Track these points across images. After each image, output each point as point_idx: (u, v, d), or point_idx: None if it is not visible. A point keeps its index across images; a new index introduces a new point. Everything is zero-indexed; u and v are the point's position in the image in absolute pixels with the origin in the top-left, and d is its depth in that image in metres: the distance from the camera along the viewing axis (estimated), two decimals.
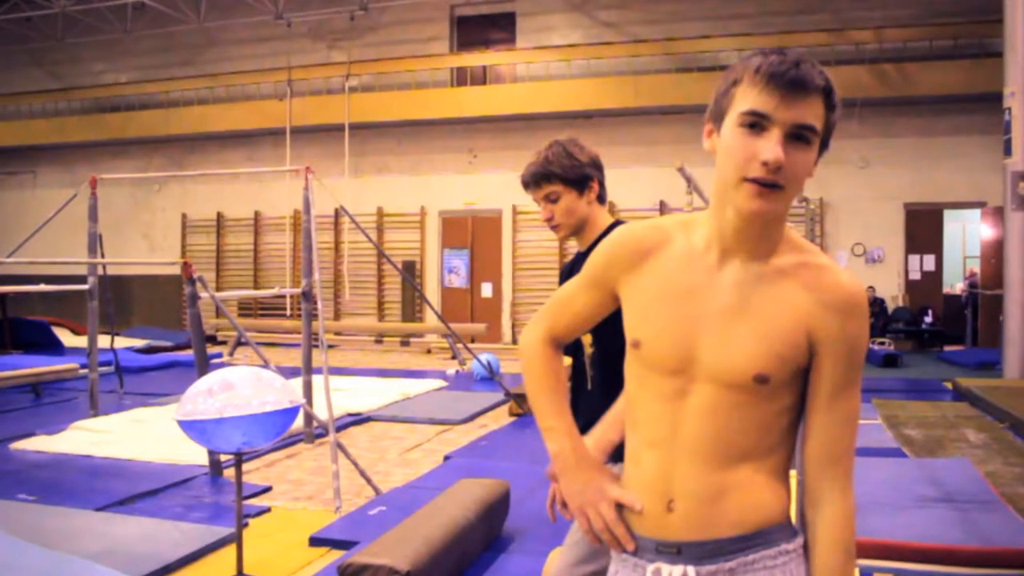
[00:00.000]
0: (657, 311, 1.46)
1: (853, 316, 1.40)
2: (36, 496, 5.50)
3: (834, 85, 1.39)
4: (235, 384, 3.93)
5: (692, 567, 1.41)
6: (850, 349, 1.40)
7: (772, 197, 1.36)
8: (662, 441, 1.44)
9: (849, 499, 1.42)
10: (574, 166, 2.39)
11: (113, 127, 18.27)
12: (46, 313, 15.59)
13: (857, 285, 1.43)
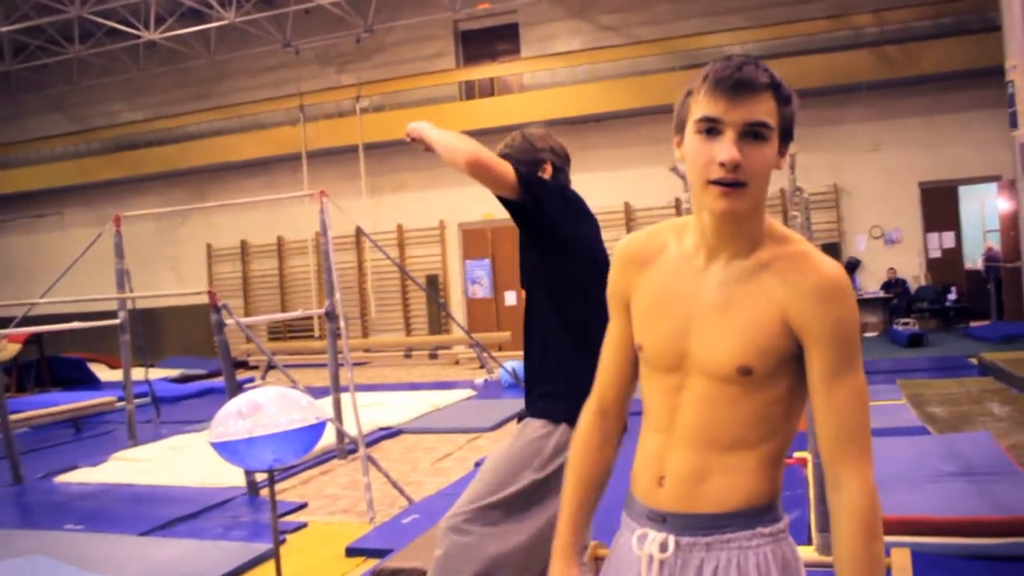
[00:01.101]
0: (654, 316, 1.58)
1: (832, 301, 1.43)
2: (82, 525, 5.71)
3: (781, 80, 1.47)
4: (263, 404, 4.09)
5: (673, 536, 1.52)
6: (835, 334, 1.43)
7: (737, 195, 1.44)
8: (662, 429, 1.57)
9: (866, 480, 1.44)
10: (527, 149, 2.57)
11: (134, 164, 18.65)
12: (81, 350, 15.91)
13: (834, 270, 1.46)
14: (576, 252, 2.39)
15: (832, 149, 14.74)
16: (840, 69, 14.00)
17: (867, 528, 1.42)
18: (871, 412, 1.55)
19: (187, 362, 16.39)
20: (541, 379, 2.47)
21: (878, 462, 4.63)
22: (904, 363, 10.55)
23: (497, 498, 2.38)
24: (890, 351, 11.99)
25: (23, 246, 20.69)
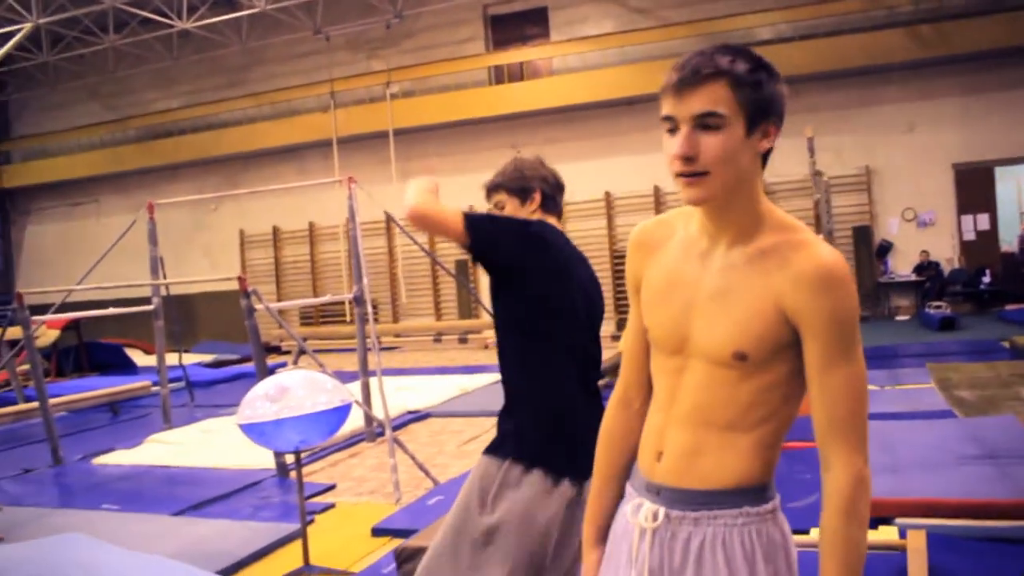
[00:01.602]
0: (660, 300, 1.64)
1: (825, 291, 1.44)
2: (119, 505, 5.87)
3: (751, 61, 1.47)
4: (289, 387, 4.20)
5: (664, 508, 1.58)
6: (829, 323, 1.45)
7: (699, 184, 1.48)
8: (664, 408, 1.64)
9: (851, 465, 1.46)
10: (517, 178, 2.60)
11: (168, 152, 18.91)
12: (118, 335, 16.20)
13: (831, 259, 1.46)
14: (533, 292, 2.38)
15: (865, 131, 14.59)
16: (873, 49, 13.84)
17: (846, 511, 1.45)
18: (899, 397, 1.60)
19: (220, 347, 16.64)
20: (502, 413, 2.50)
21: (901, 445, 4.66)
22: (935, 347, 10.47)
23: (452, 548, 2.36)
24: (921, 335, 11.90)
25: (60, 234, 21.07)
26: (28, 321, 7.10)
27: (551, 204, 2.62)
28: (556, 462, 2.33)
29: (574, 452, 2.31)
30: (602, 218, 16.32)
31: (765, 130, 1.50)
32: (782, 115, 1.52)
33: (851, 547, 1.46)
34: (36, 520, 5.53)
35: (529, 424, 2.40)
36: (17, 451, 8.25)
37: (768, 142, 1.50)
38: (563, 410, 2.39)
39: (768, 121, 1.49)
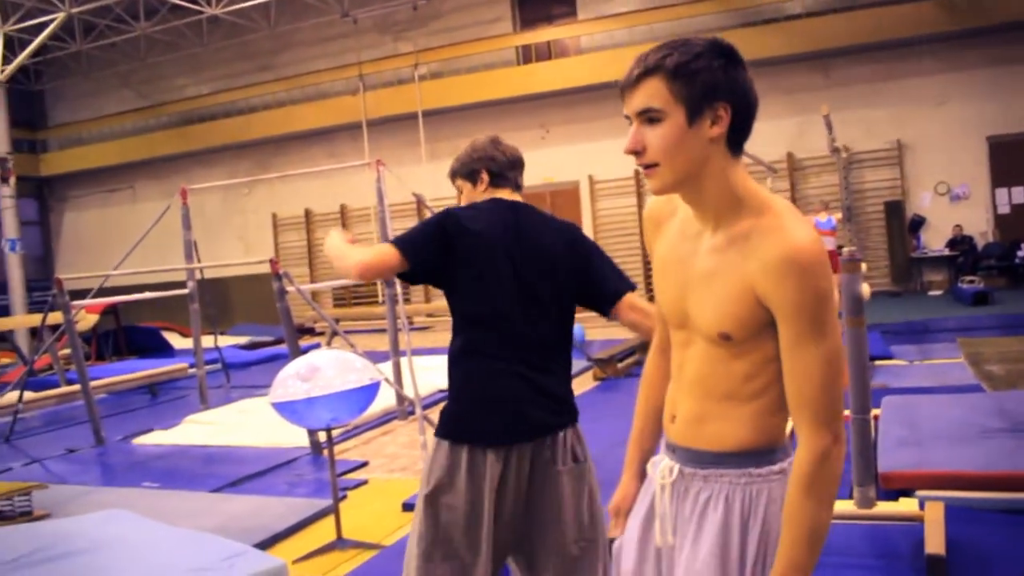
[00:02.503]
0: (663, 276, 1.74)
1: (788, 276, 1.48)
2: (158, 483, 6.05)
3: (681, 55, 1.53)
4: (320, 367, 4.32)
5: (679, 465, 1.73)
6: (795, 307, 1.49)
7: (652, 175, 1.58)
8: (676, 376, 1.77)
9: (813, 442, 1.52)
10: (466, 162, 2.68)
11: (200, 137, 19.15)
12: (154, 319, 16.50)
13: (798, 243, 1.49)
14: (463, 282, 2.44)
15: (895, 104, 14.45)
16: (904, 21, 13.68)
17: (804, 486, 1.52)
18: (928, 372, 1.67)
19: (255, 329, 16.89)
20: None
21: (925, 419, 4.71)
22: (967, 321, 10.41)
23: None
24: (954, 309, 11.81)
25: (96, 220, 21.43)
26: (68, 306, 7.29)
27: (502, 180, 2.66)
28: (464, 434, 2.41)
29: (484, 421, 2.40)
30: (632, 196, 16.33)
31: (714, 115, 1.54)
32: (740, 96, 1.55)
33: (804, 520, 1.52)
34: (81, 497, 5.72)
35: (449, 402, 2.50)
36: (61, 432, 8.49)
37: (720, 127, 1.54)
38: (474, 381, 2.45)
39: (714, 106, 1.53)
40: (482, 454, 2.37)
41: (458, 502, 2.37)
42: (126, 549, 4.14)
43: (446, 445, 2.42)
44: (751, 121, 1.60)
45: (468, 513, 2.36)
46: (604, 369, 8.91)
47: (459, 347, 2.47)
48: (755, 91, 1.60)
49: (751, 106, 1.59)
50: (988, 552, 3.53)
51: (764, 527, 1.62)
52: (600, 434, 6.13)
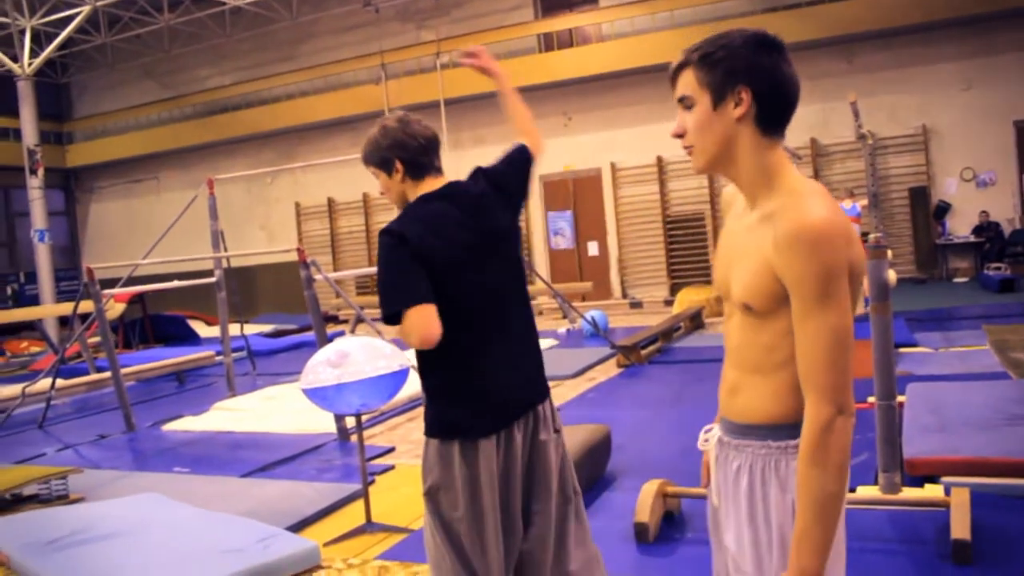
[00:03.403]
0: (718, 251, 1.89)
1: (792, 252, 1.56)
2: (189, 468, 6.16)
3: (706, 48, 1.69)
4: (350, 353, 4.38)
5: (720, 433, 1.86)
6: (799, 280, 1.57)
7: (691, 155, 1.75)
8: (725, 348, 1.87)
9: (815, 412, 1.58)
10: (374, 151, 2.55)
11: (224, 127, 19.28)
12: (180, 308, 16.67)
13: (805, 220, 1.56)
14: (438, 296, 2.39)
15: (921, 89, 14.33)
16: (928, 5, 13.55)
17: (809, 455, 1.59)
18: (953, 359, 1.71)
19: (279, 318, 17.04)
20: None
21: (951, 405, 4.72)
22: (993, 308, 10.35)
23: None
24: (979, 297, 11.74)
25: (122, 211, 21.66)
26: (99, 295, 7.40)
27: (418, 169, 2.54)
28: (456, 430, 2.42)
29: (474, 415, 2.42)
30: (654, 183, 16.30)
31: (737, 98, 1.65)
32: (762, 78, 1.64)
33: (813, 488, 1.58)
34: (114, 481, 5.84)
35: (436, 401, 2.50)
36: (92, 419, 8.64)
37: (742, 108, 1.65)
38: (459, 378, 2.45)
39: (734, 89, 1.65)
40: (473, 448, 2.39)
41: (457, 499, 2.39)
42: (161, 531, 4.24)
43: (435, 443, 2.43)
44: (782, 103, 1.67)
45: (468, 509, 2.38)
46: (628, 356, 8.94)
47: (437, 348, 2.38)
48: (789, 74, 1.67)
49: (777, 88, 1.66)
50: (1013, 538, 3.55)
51: (784, 500, 1.69)
52: (624, 421, 6.21)
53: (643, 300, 15.88)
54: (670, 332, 10.51)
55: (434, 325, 2.31)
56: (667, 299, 15.27)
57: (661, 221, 16.30)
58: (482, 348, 2.46)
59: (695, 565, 3.59)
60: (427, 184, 2.56)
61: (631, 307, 15.57)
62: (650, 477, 4.29)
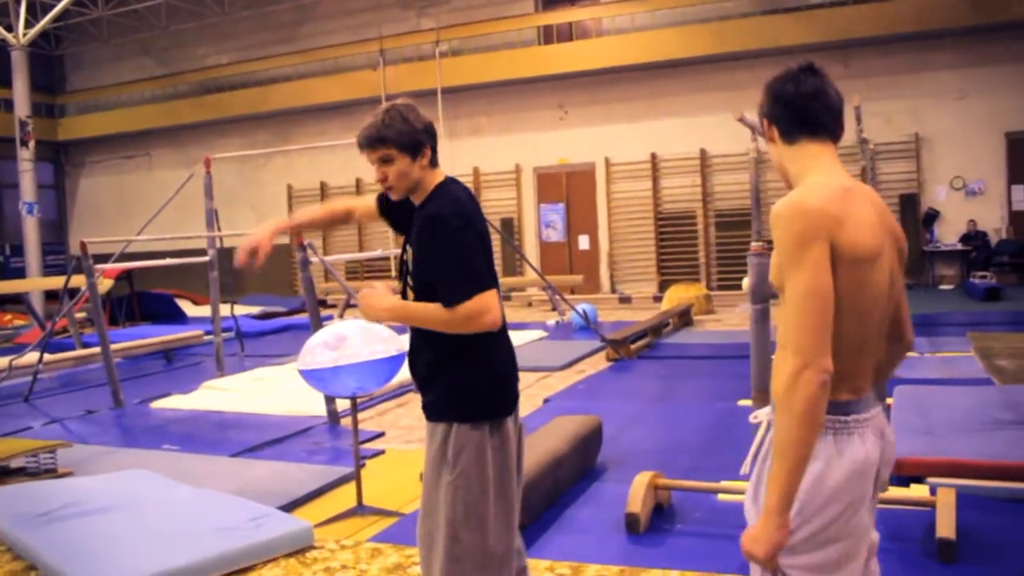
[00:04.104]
0: None
1: (774, 227, 1.84)
2: (178, 446, 6.17)
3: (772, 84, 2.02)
4: (347, 336, 4.41)
5: (768, 406, 1.98)
6: (777, 250, 1.84)
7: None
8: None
9: (786, 364, 1.75)
10: (408, 132, 2.46)
11: (218, 107, 19.20)
12: (167, 286, 16.62)
13: (781, 203, 1.84)
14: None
15: (915, 97, 14.42)
16: (926, 14, 13.62)
17: (777, 402, 1.77)
18: (938, 364, 1.88)
19: (265, 300, 17.02)
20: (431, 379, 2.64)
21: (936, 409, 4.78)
22: (978, 316, 10.45)
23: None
24: (965, 304, 11.84)
25: (112, 186, 21.55)
26: (92, 269, 7.38)
27: (436, 157, 2.55)
28: (490, 411, 2.49)
29: (502, 396, 2.52)
30: (648, 180, 16.34)
31: (768, 131, 2.02)
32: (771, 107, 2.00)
33: (779, 433, 1.75)
34: (103, 457, 5.84)
35: (463, 384, 2.50)
36: (78, 394, 8.63)
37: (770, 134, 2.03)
38: (485, 361, 2.51)
39: (763, 121, 2.01)
40: (501, 428, 2.48)
41: (488, 481, 2.44)
42: (154, 508, 4.26)
43: (466, 428, 2.45)
44: (788, 115, 1.98)
45: (497, 488, 2.46)
46: (617, 350, 8.99)
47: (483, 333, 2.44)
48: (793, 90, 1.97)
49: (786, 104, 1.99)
50: (996, 538, 3.62)
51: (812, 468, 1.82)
52: (613, 414, 6.25)
53: (632, 295, 15.94)
54: (659, 328, 10.57)
55: (500, 308, 2.43)
56: (656, 295, 15.33)
57: (653, 218, 16.36)
58: (505, 331, 2.57)
59: (685, 556, 3.64)
60: (439, 172, 2.58)
61: (620, 302, 15.63)
62: (639, 469, 4.33)
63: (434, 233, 2.41)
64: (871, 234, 1.83)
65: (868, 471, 1.86)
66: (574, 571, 3.55)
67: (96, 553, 3.68)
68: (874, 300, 1.86)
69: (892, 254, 1.93)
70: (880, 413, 1.94)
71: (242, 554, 3.67)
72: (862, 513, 1.86)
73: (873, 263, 1.83)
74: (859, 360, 1.87)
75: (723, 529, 3.94)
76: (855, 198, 1.87)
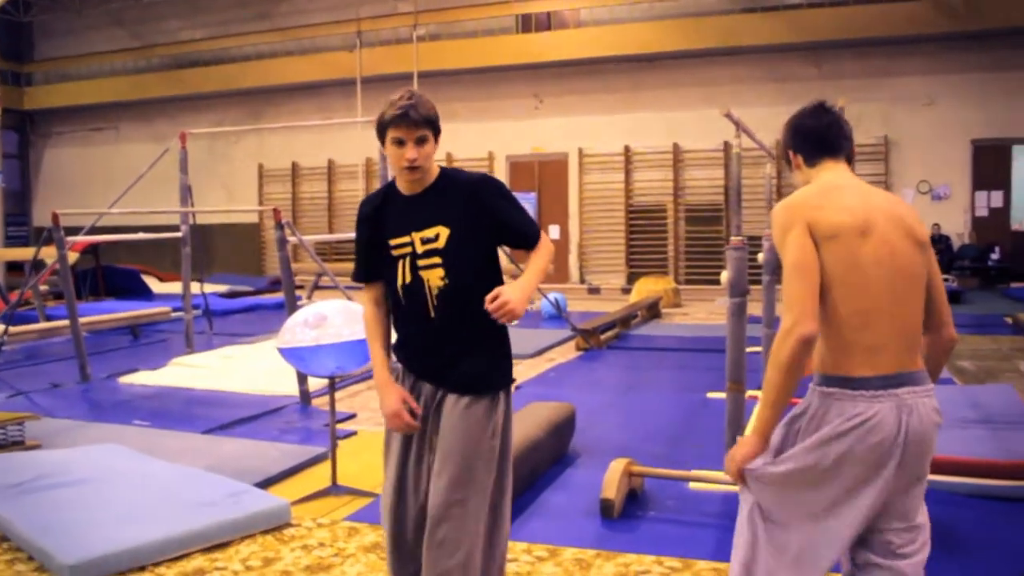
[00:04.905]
0: None
1: (771, 224, 2.24)
2: (148, 422, 6.13)
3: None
4: (328, 316, 4.42)
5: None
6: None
7: None
8: None
9: (782, 323, 2.11)
10: (438, 119, 2.62)
11: (191, 82, 18.98)
12: (132, 261, 16.44)
13: (774, 207, 2.26)
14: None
15: (885, 100, 14.63)
16: (900, 20, 13.83)
17: (771, 354, 2.14)
18: None
19: (232, 279, 16.89)
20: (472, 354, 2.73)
21: None
22: None
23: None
24: None
25: (78, 158, 21.23)
26: (63, 241, 7.30)
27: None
28: (509, 381, 2.68)
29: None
30: (620, 172, 16.44)
31: (793, 159, 2.44)
32: (793, 140, 2.44)
33: (768, 374, 2.14)
34: (72, 431, 5.79)
35: (502, 357, 2.67)
36: (43, 367, 8.53)
37: (795, 163, 2.45)
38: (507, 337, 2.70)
39: (786, 153, 2.45)
40: (510, 394, 2.67)
41: (510, 440, 2.68)
42: (128, 481, 4.24)
43: (503, 396, 2.64)
44: (798, 144, 2.40)
45: (511, 446, 2.70)
46: (587, 340, 9.06)
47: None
48: (811, 124, 2.39)
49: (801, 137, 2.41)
50: (958, 531, 3.72)
51: (808, 428, 2.17)
52: (583, 402, 6.30)
53: (600, 287, 16.04)
54: (628, 319, 10.66)
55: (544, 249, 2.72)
56: (624, 287, 15.45)
57: (624, 210, 16.46)
58: None
59: (658, 542, 3.71)
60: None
61: (589, 292, 15.72)
62: (611, 457, 4.40)
63: (500, 190, 2.68)
64: (849, 214, 2.14)
65: (870, 440, 2.06)
66: (551, 553, 3.61)
67: (71, 525, 3.66)
68: (864, 273, 2.10)
69: (894, 236, 2.15)
70: (913, 394, 2.11)
71: (220, 529, 3.68)
72: (852, 474, 2.09)
73: (858, 237, 2.11)
74: (864, 334, 2.10)
75: (695, 517, 4.02)
76: (841, 191, 2.22)
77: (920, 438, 2.11)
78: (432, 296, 2.56)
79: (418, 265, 2.57)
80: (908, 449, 2.09)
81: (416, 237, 2.58)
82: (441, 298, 2.56)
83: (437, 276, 2.56)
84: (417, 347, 2.62)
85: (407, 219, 2.60)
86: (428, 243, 2.57)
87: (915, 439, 2.10)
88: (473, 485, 2.54)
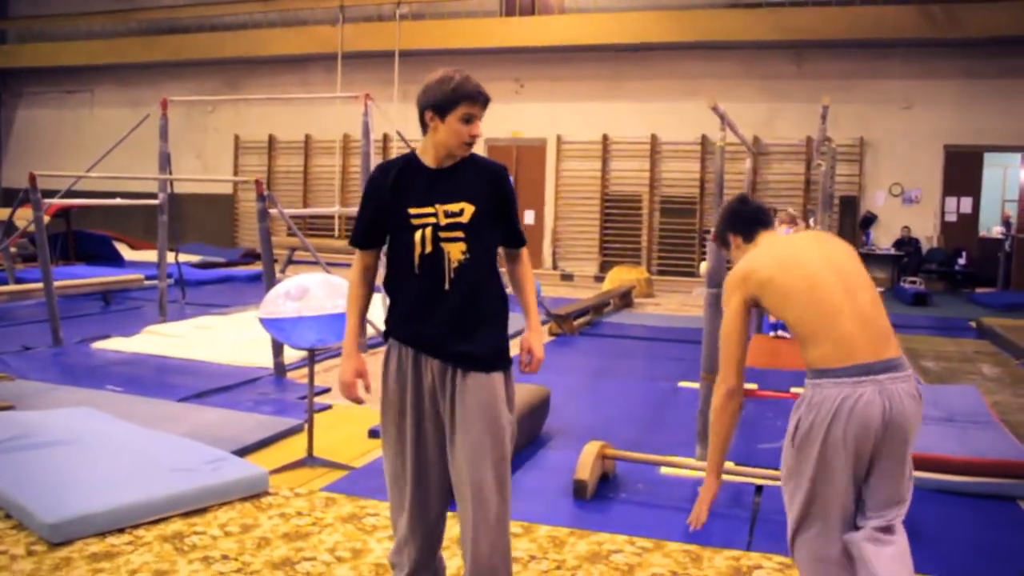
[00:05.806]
0: None
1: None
2: (122, 388, 6.12)
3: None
4: (310, 288, 4.45)
5: None
6: None
7: None
8: None
9: (715, 388, 2.64)
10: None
11: (169, 49, 18.74)
12: (103, 227, 16.26)
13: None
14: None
15: (863, 102, 14.78)
16: (881, 23, 13.98)
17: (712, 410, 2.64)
18: None
19: (204, 249, 16.76)
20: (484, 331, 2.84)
21: None
22: (906, 319, 10.83)
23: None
24: (894, 308, 12.26)
25: (51, 120, 20.89)
26: (40, 203, 7.25)
27: (439, 112, 2.84)
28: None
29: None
30: (598, 160, 16.49)
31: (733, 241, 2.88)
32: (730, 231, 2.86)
33: (711, 425, 2.65)
34: (45, 393, 5.78)
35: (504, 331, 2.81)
36: (11, 330, 8.46)
37: (734, 244, 2.87)
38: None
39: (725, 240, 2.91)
40: None
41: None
42: (105, 445, 4.26)
43: (510, 372, 2.78)
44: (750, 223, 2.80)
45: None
46: (561, 325, 9.15)
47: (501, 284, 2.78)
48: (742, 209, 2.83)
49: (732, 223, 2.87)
50: (927, 525, 3.84)
51: (797, 412, 2.48)
52: (556, 386, 6.38)
53: (574, 273, 16.12)
54: (601, 307, 10.76)
55: None
56: (597, 275, 15.54)
57: (599, 198, 16.53)
58: None
59: (629, 523, 3.80)
60: None
61: (562, 279, 15.80)
62: (583, 440, 4.49)
63: (511, 184, 2.84)
64: (789, 249, 2.64)
65: (844, 417, 2.35)
66: (525, 530, 3.68)
67: (49, 485, 3.68)
68: (800, 292, 2.49)
69: (827, 249, 2.64)
70: (892, 380, 2.39)
71: (198, 495, 3.72)
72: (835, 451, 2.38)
73: (785, 273, 2.52)
74: (833, 333, 2.44)
75: (665, 500, 4.12)
76: (777, 241, 2.72)
77: (902, 418, 2.39)
78: (451, 268, 2.63)
79: (440, 237, 2.63)
80: (892, 428, 2.37)
81: (440, 209, 2.64)
82: (459, 271, 2.63)
83: (459, 250, 2.64)
84: (426, 318, 2.65)
85: (432, 191, 2.66)
86: (452, 216, 2.64)
87: (898, 419, 2.38)
88: (483, 462, 2.62)
